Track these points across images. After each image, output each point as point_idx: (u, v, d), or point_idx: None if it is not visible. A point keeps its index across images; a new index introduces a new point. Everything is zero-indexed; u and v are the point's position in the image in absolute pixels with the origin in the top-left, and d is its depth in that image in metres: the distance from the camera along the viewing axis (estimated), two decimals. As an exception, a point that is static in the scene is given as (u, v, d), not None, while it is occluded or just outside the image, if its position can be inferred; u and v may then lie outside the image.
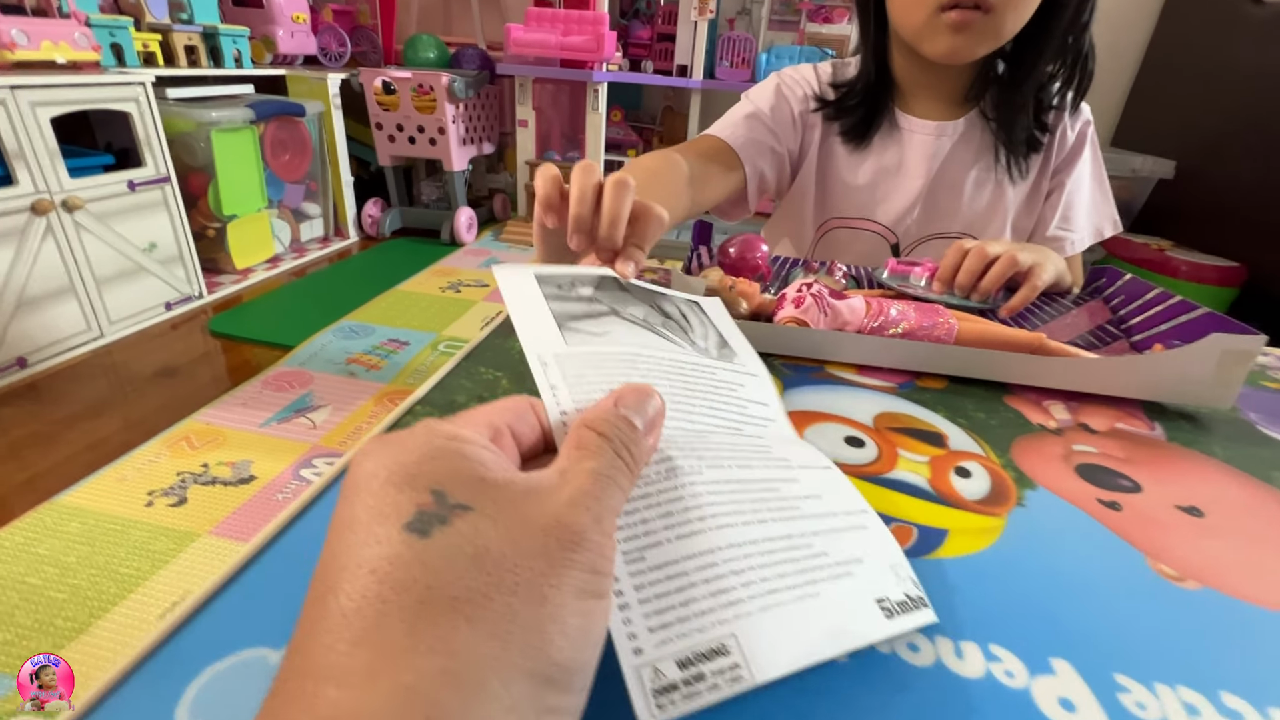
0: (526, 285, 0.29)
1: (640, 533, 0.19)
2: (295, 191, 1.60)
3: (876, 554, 0.23)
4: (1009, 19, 0.51)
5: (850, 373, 0.44)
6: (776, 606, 0.19)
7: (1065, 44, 0.55)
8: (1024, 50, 0.55)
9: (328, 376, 1.04)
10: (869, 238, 0.64)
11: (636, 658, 0.16)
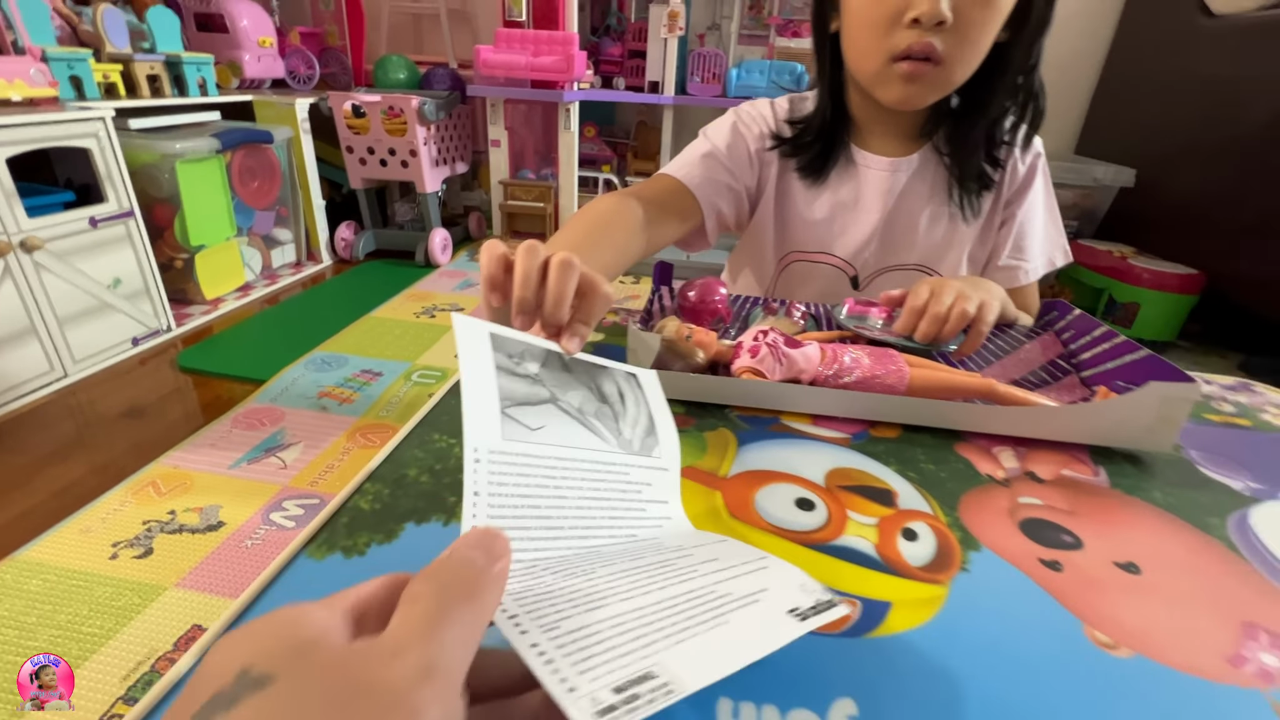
0: (482, 347, 0.29)
1: (548, 608, 0.20)
2: (265, 218, 1.59)
3: (781, 582, 0.24)
4: (958, 70, 0.52)
5: (805, 423, 0.45)
6: (691, 639, 0.20)
7: (1016, 85, 0.56)
8: (977, 90, 0.56)
9: (299, 412, 1.02)
10: (828, 270, 0.65)
11: (571, 694, 0.16)
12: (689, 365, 0.49)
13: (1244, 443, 0.47)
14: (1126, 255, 1.51)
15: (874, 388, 0.46)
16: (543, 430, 0.28)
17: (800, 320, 0.60)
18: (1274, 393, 0.55)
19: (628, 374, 0.37)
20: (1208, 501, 0.39)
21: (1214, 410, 0.51)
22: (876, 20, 0.51)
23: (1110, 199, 1.70)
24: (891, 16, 0.50)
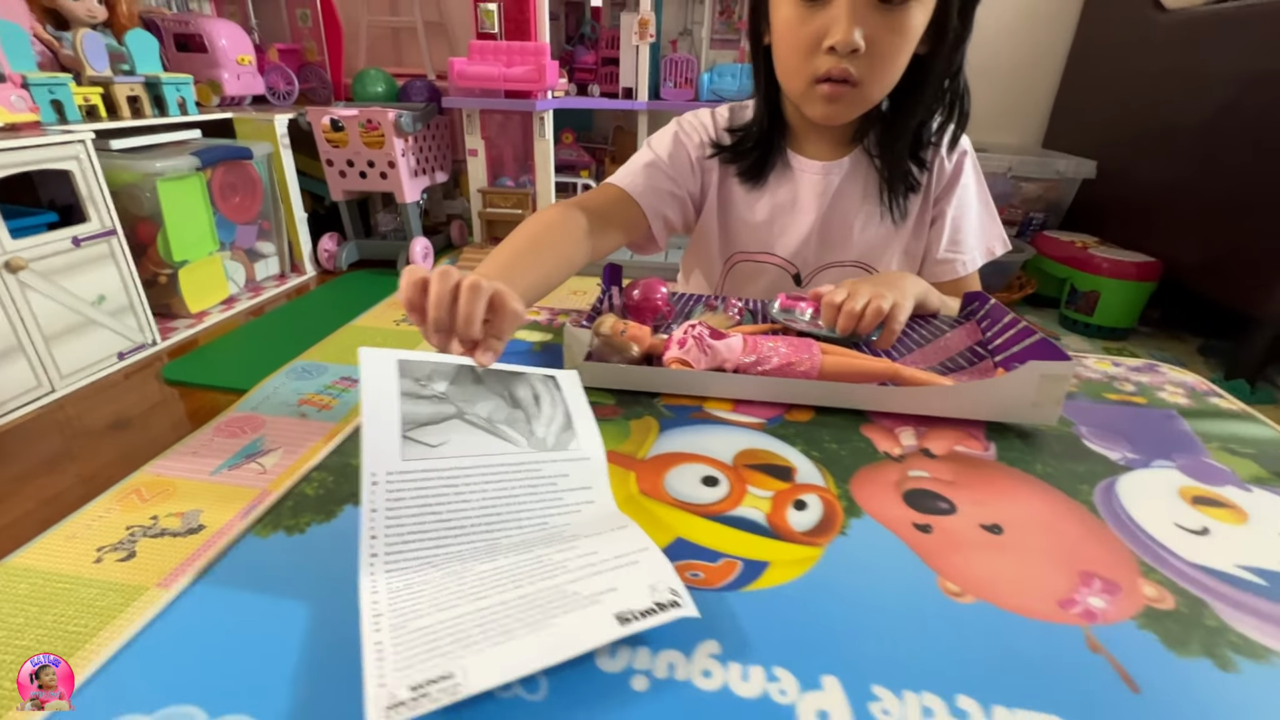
0: (386, 377, 0.33)
1: (407, 607, 0.24)
2: (248, 232, 1.62)
3: (634, 582, 0.28)
4: (874, 90, 0.56)
5: (725, 409, 0.48)
6: (508, 641, 0.24)
7: (940, 89, 0.60)
8: (902, 97, 0.60)
9: (280, 419, 1.06)
10: (772, 269, 0.69)
11: (379, 689, 0.20)
12: (625, 358, 0.53)
13: (1133, 418, 0.50)
14: (1088, 245, 1.55)
15: (790, 374, 0.50)
16: (445, 445, 0.32)
17: (736, 315, 0.64)
18: (1178, 373, 0.59)
19: (545, 377, 0.40)
20: (1083, 471, 0.43)
21: (1115, 390, 0.55)
22: (798, 45, 0.55)
23: (1074, 191, 1.74)
24: (811, 42, 0.53)
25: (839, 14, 0.51)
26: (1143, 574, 0.33)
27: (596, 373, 0.51)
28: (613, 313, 0.62)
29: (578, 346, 0.51)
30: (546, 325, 0.65)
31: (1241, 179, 1.27)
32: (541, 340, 0.61)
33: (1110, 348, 1.46)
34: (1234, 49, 1.34)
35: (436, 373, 0.34)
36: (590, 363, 0.51)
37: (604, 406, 0.48)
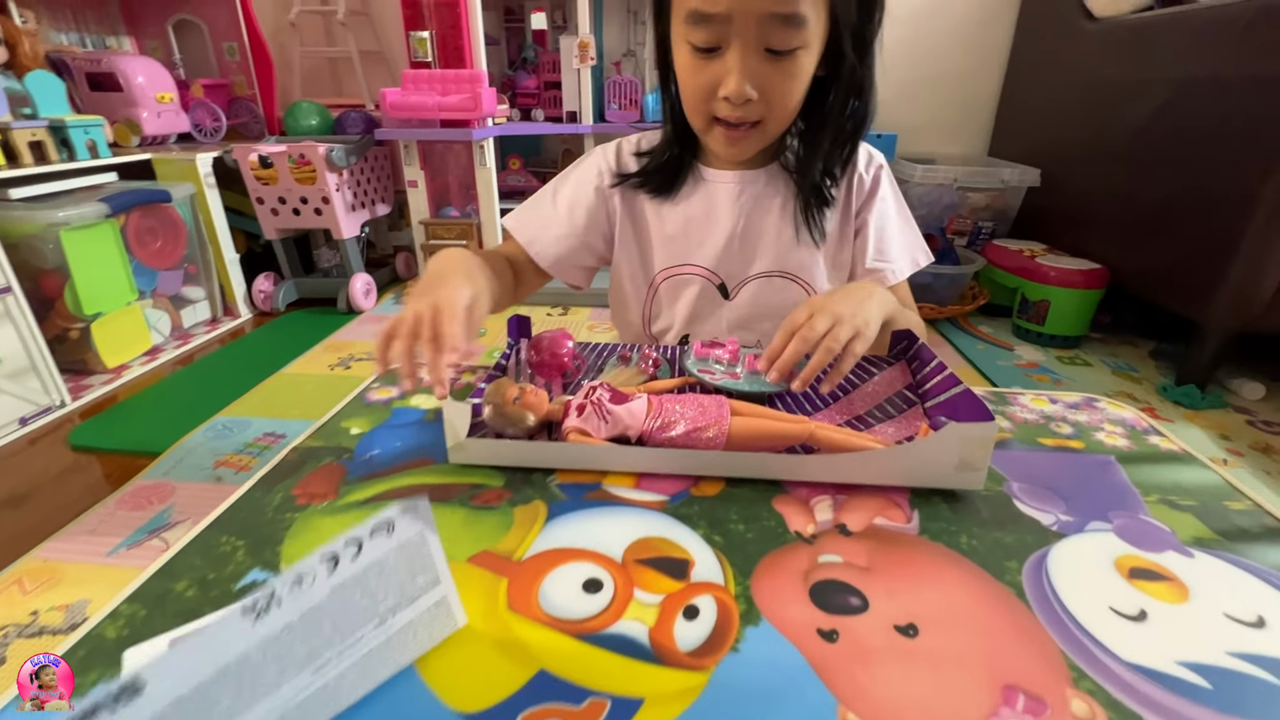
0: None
1: None
2: (172, 278, 1.53)
3: None
4: (773, 127, 0.57)
5: (626, 485, 0.44)
6: None
7: (845, 108, 0.59)
8: (811, 116, 0.60)
9: (191, 486, 0.98)
10: (696, 280, 0.67)
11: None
12: (520, 429, 0.48)
13: (1069, 469, 0.47)
14: (1036, 254, 1.55)
15: (696, 442, 0.45)
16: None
17: (650, 368, 0.59)
18: (1116, 408, 0.56)
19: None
20: (1012, 542, 0.38)
21: (1051, 433, 0.51)
22: (694, 91, 0.56)
23: (1020, 199, 1.75)
24: (706, 90, 0.54)
25: (730, 66, 0.52)
26: (1073, 682, 0.29)
27: (480, 450, 0.46)
28: (507, 377, 0.57)
29: (460, 422, 0.45)
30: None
31: (1175, 186, 1.28)
32: (438, 407, 0.56)
33: (1063, 356, 1.45)
34: (1162, 56, 1.35)
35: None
36: (473, 440, 0.46)
37: (489, 490, 0.43)
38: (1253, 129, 1.10)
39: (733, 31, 0.51)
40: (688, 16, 0.52)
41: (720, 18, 0.50)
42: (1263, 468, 1.04)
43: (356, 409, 0.56)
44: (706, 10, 0.50)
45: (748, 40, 0.51)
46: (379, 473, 0.46)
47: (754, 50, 0.51)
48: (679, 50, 0.56)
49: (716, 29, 0.51)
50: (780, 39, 0.51)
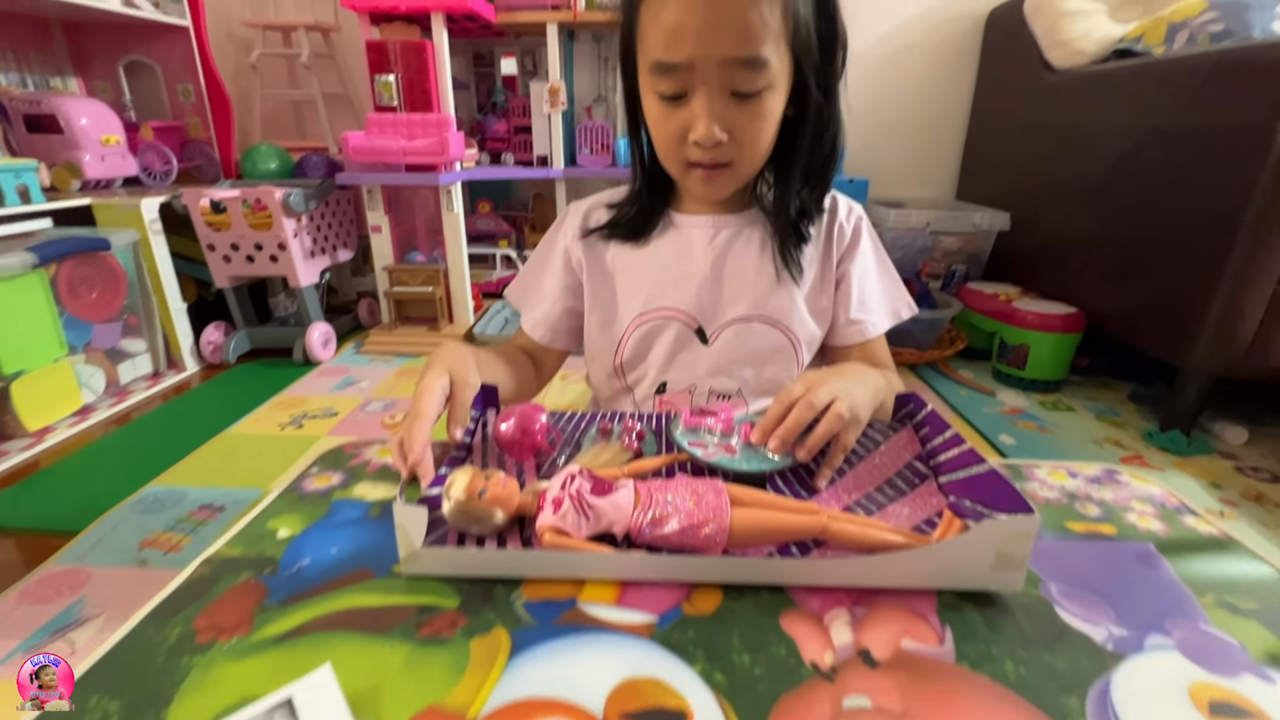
0: None
1: None
2: (108, 331, 1.42)
3: None
4: (746, 167, 0.57)
5: (607, 603, 0.36)
6: None
7: (817, 147, 0.59)
8: (782, 156, 0.60)
9: (110, 572, 0.86)
10: (675, 325, 0.65)
11: None
12: (487, 528, 0.41)
13: (1108, 562, 0.41)
14: (1012, 298, 1.55)
15: (693, 540, 0.39)
16: None
17: (634, 441, 0.53)
18: (1140, 481, 0.51)
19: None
20: (1065, 668, 0.32)
21: (1078, 516, 0.46)
22: (665, 138, 0.56)
23: (991, 242, 1.76)
24: (677, 136, 0.55)
25: (698, 111, 0.52)
26: None
27: (438, 561, 0.39)
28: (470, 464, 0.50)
29: (414, 529, 0.38)
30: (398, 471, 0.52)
31: (1145, 231, 1.29)
32: (385, 498, 0.48)
33: (1046, 401, 1.44)
34: (1123, 106, 1.38)
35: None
36: (430, 549, 0.39)
37: (440, 615, 0.36)
38: (1218, 176, 1.12)
39: (697, 78, 0.52)
40: (653, 67, 0.53)
41: (684, 66, 0.51)
42: (1259, 519, 1.01)
43: (289, 503, 0.48)
44: (670, 60, 0.51)
45: (712, 85, 0.52)
46: (306, 592, 0.38)
47: (720, 94, 0.52)
48: (648, 100, 0.57)
49: (681, 77, 0.52)
50: (745, 81, 0.52)
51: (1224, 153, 1.11)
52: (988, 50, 1.96)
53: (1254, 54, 1.07)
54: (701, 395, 0.66)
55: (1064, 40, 1.59)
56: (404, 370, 1.61)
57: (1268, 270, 1.07)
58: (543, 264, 0.70)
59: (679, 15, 0.50)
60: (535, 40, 2.00)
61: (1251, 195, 1.04)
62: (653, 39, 0.53)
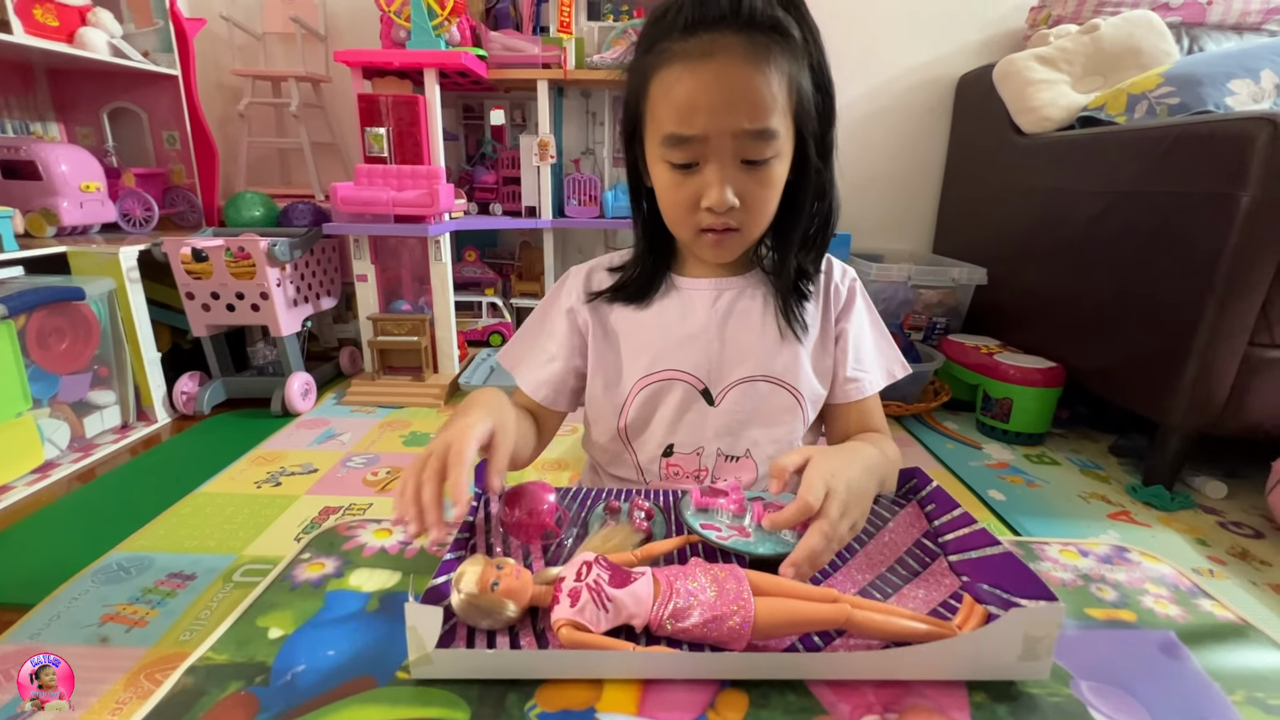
0: None
1: None
2: (77, 383, 1.37)
3: None
4: (754, 230, 0.59)
5: (627, 713, 0.34)
6: None
7: (813, 208, 0.62)
8: (783, 219, 0.62)
9: (69, 650, 0.80)
10: (679, 386, 0.65)
11: None
12: (500, 622, 0.39)
13: (1133, 654, 0.41)
14: (993, 351, 1.58)
15: (717, 633, 0.38)
16: None
17: (644, 522, 0.52)
18: (1150, 560, 0.51)
19: None
20: (1111, 783, 0.31)
21: (1095, 601, 0.46)
22: (678, 204, 0.58)
23: (970, 295, 1.81)
24: (690, 203, 0.57)
25: (711, 179, 0.55)
26: None
27: (451, 663, 0.36)
28: (479, 553, 0.48)
29: (426, 630, 0.36)
30: (396, 555, 0.50)
31: (1120, 290, 1.34)
32: (384, 589, 0.45)
33: (1030, 454, 1.46)
34: (1091, 171, 1.45)
35: None
36: (442, 651, 0.36)
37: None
38: (1186, 239, 1.17)
39: (710, 150, 0.54)
40: (666, 139, 0.55)
41: (698, 139, 0.53)
42: (1247, 577, 1.02)
43: (279, 595, 0.45)
44: (684, 133, 0.53)
45: (724, 155, 0.54)
46: (302, 705, 0.35)
47: (731, 163, 0.54)
48: (657, 170, 0.58)
49: (694, 148, 0.54)
50: (755, 150, 0.54)
51: (1191, 218, 1.16)
52: (959, 113, 2.06)
53: (1215, 128, 1.14)
54: (709, 457, 0.65)
55: (1032, 107, 1.67)
56: (387, 422, 1.57)
57: (1239, 330, 1.11)
58: (543, 326, 0.70)
59: (692, 91, 0.52)
60: (525, 94, 2.05)
61: (1220, 259, 1.09)
62: (665, 113, 0.54)
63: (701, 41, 0.52)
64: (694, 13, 0.52)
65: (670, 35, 0.53)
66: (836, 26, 1.96)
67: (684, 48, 0.52)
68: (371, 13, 1.81)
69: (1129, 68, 1.62)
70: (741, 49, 0.51)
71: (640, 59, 0.57)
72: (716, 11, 0.51)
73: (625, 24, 1.95)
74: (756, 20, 0.52)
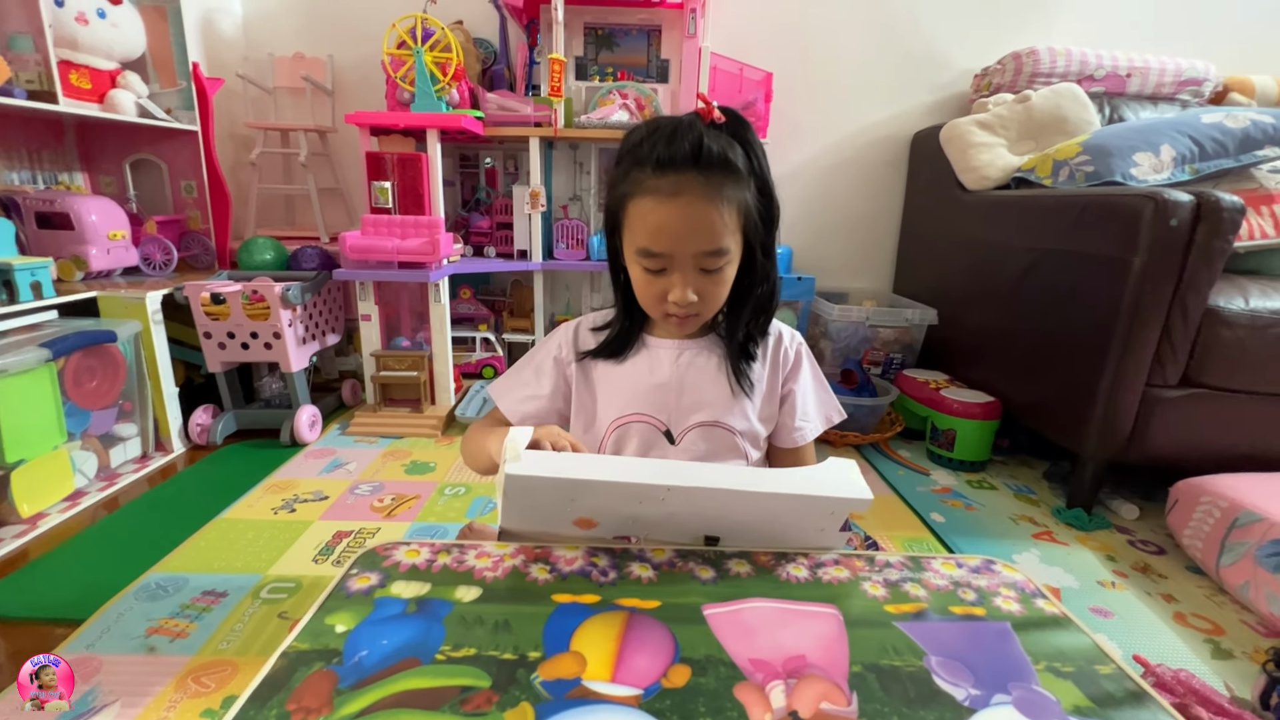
0: None
1: None
2: (105, 417, 1.48)
3: None
4: (708, 313, 0.75)
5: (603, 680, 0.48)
6: None
7: (758, 293, 0.78)
8: (735, 298, 0.77)
9: (121, 660, 0.92)
10: (644, 428, 0.79)
11: None
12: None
13: (975, 639, 0.55)
14: (940, 385, 1.75)
15: None
16: None
17: None
18: (1010, 570, 0.66)
19: None
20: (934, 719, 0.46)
21: (958, 600, 0.61)
22: (648, 296, 0.74)
23: (923, 334, 1.99)
24: (658, 296, 0.73)
25: (674, 282, 0.70)
26: None
27: (533, 462, 0.59)
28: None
29: (519, 439, 0.61)
30: (425, 570, 0.64)
31: (1042, 336, 1.51)
32: (419, 595, 0.59)
33: (972, 480, 1.62)
34: (1020, 227, 1.64)
35: None
36: (529, 452, 0.58)
37: (478, 693, 0.47)
38: (1094, 295, 1.35)
39: (675, 262, 0.69)
40: (639, 251, 0.70)
41: (665, 254, 0.69)
42: (1144, 589, 1.17)
43: (338, 602, 0.58)
44: (654, 249, 0.69)
45: (686, 266, 0.69)
46: (369, 679, 0.49)
47: (692, 270, 0.70)
48: (633, 266, 0.74)
49: (662, 259, 0.70)
50: (710, 263, 0.70)
51: (1098, 275, 1.34)
52: (914, 166, 2.26)
53: (1114, 200, 1.33)
54: None
55: (973, 167, 1.87)
56: (389, 452, 1.69)
57: (1137, 373, 1.29)
58: (534, 369, 0.85)
59: (662, 221, 0.67)
60: (517, 146, 2.22)
61: (1119, 314, 1.27)
62: (639, 231, 0.69)
63: (669, 180, 0.66)
64: (664, 153, 0.67)
65: (644, 168, 0.68)
66: (804, 88, 2.17)
67: (655, 184, 0.67)
68: (376, 70, 1.97)
69: (1056, 134, 1.82)
70: (700, 188, 0.66)
71: (619, 183, 0.72)
72: (681, 154, 0.66)
73: (610, 85, 2.13)
74: (713, 161, 0.67)
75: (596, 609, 0.57)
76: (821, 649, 0.53)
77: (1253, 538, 1.09)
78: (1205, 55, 2.06)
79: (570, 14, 2.03)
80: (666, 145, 0.67)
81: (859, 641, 0.54)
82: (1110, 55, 1.99)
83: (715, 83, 1.98)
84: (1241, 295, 1.29)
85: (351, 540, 1.26)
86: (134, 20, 1.77)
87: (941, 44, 2.22)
